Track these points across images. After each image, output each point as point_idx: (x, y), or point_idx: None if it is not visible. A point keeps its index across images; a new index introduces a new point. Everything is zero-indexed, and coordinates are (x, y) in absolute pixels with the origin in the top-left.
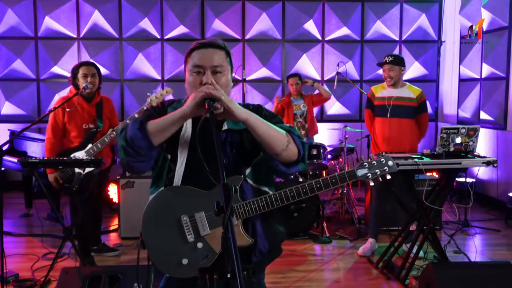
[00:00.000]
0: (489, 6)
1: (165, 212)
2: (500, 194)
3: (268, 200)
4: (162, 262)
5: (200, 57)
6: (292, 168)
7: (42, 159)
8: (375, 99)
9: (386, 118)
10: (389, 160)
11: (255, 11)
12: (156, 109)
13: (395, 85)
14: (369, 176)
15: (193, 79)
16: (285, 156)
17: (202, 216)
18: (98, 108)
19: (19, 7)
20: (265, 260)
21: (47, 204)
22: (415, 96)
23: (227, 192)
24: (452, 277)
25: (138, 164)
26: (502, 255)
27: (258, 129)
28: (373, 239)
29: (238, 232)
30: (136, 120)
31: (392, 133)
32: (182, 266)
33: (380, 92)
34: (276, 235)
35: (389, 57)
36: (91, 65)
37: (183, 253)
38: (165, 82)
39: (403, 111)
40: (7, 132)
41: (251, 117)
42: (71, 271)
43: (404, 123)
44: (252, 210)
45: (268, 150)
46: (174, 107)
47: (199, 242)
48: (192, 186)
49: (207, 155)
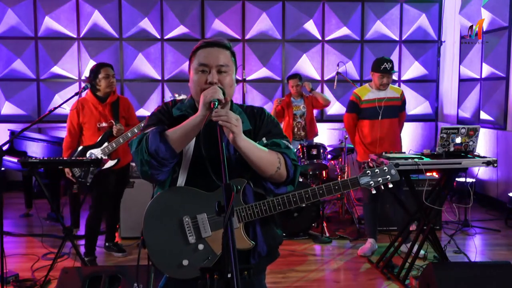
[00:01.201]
0: (489, 6)
1: (167, 213)
2: (500, 194)
3: (271, 204)
4: (163, 262)
5: (206, 55)
6: (280, 188)
7: (42, 159)
8: (362, 103)
9: (377, 120)
10: (392, 169)
11: (255, 11)
12: (163, 112)
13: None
14: (371, 184)
15: (198, 78)
16: (273, 178)
17: (204, 218)
18: (114, 107)
19: (19, 7)
20: (263, 263)
21: (47, 204)
22: (399, 95)
23: (229, 192)
24: (452, 277)
25: (163, 175)
26: (502, 255)
27: (251, 156)
28: (373, 239)
29: (240, 235)
30: (155, 133)
31: (385, 134)
32: (183, 267)
33: (367, 95)
34: (275, 239)
35: (388, 63)
36: (110, 67)
37: (184, 254)
38: (165, 82)
39: (392, 112)
40: (7, 132)
41: (250, 145)
42: (71, 271)
43: (394, 123)
44: (254, 213)
45: (257, 171)
46: (178, 108)
47: (200, 244)
48: (196, 187)
49: (211, 156)
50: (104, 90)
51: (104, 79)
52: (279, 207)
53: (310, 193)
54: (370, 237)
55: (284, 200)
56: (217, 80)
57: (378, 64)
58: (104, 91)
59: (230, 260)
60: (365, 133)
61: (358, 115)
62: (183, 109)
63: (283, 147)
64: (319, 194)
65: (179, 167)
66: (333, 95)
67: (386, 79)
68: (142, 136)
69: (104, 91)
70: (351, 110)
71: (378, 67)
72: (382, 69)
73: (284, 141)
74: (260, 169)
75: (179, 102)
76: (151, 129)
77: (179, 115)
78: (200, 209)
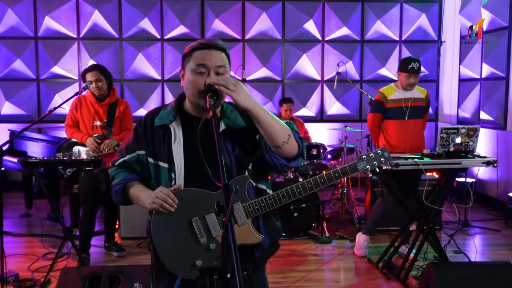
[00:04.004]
0: (489, 6)
1: (174, 215)
2: (500, 194)
3: (276, 197)
4: (176, 264)
5: (204, 57)
6: (292, 162)
7: (42, 159)
8: (388, 102)
9: (403, 121)
10: (385, 151)
11: (255, 11)
12: (143, 126)
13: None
14: (368, 168)
15: (196, 79)
16: (285, 149)
17: (212, 218)
18: (111, 108)
19: (19, 7)
20: (266, 255)
21: (47, 204)
22: (424, 96)
23: (227, 192)
24: (452, 277)
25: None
26: (502, 255)
27: (262, 119)
28: (368, 236)
29: (249, 231)
30: (118, 192)
31: (411, 134)
32: (197, 267)
33: (393, 94)
34: (276, 231)
35: (416, 63)
36: (95, 70)
37: (196, 255)
38: (165, 82)
39: (417, 112)
40: (7, 132)
41: (256, 106)
42: (71, 271)
43: (419, 123)
44: (261, 208)
45: (269, 141)
46: (160, 117)
47: (211, 243)
48: (198, 188)
49: (207, 156)
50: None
51: (90, 84)
52: (285, 199)
53: (313, 182)
54: (366, 234)
55: (288, 192)
56: (215, 82)
57: (406, 64)
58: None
59: (231, 260)
60: (391, 133)
61: (383, 115)
62: (164, 118)
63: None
64: (321, 182)
65: (175, 174)
66: (333, 95)
67: (413, 79)
68: (112, 178)
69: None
70: (377, 109)
71: (405, 66)
72: (409, 68)
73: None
74: (272, 137)
75: (162, 109)
76: (116, 182)
77: (159, 125)
78: (207, 210)
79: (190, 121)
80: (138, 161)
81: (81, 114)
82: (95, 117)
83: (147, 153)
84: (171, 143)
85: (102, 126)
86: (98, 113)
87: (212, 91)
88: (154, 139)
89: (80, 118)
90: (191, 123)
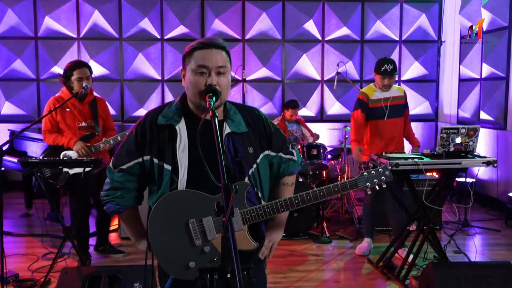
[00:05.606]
0: (489, 6)
1: (172, 216)
2: (500, 194)
3: (274, 206)
4: (169, 264)
5: (204, 57)
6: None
7: (42, 159)
8: (370, 102)
9: (383, 120)
10: (386, 170)
11: (255, 11)
12: (145, 127)
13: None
14: (368, 186)
15: (197, 80)
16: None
17: (209, 221)
18: (92, 107)
19: (19, 7)
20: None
21: (47, 204)
22: (402, 94)
23: (227, 192)
24: (452, 277)
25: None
26: (502, 255)
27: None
28: (370, 239)
29: (244, 237)
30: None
31: (392, 134)
32: (189, 269)
33: (374, 94)
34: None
35: (389, 65)
36: (85, 67)
37: (190, 257)
38: (165, 82)
39: (397, 111)
40: (7, 132)
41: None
42: (71, 271)
43: (399, 122)
44: (258, 216)
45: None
46: (165, 115)
47: (206, 246)
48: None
49: (209, 158)
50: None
51: (77, 81)
52: (282, 209)
53: (312, 195)
54: (367, 237)
55: (287, 202)
56: (216, 83)
57: (379, 66)
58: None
59: (231, 260)
60: (370, 133)
61: (367, 115)
62: (169, 116)
63: (296, 156)
64: (320, 196)
65: (177, 177)
66: (333, 95)
67: (387, 80)
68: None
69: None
70: (362, 109)
71: (379, 68)
72: (382, 71)
73: (293, 151)
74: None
75: (167, 107)
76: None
77: (163, 125)
78: (205, 212)
79: (195, 121)
80: (140, 167)
81: (62, 116)
82: (79, 117)
83: (152, 155)
84: (175, 145)
85: (89, 126)
86: (82, 113)
87: (212, 91)
88: (158, 138)
89: (62, 121)
90: (196, 124)
